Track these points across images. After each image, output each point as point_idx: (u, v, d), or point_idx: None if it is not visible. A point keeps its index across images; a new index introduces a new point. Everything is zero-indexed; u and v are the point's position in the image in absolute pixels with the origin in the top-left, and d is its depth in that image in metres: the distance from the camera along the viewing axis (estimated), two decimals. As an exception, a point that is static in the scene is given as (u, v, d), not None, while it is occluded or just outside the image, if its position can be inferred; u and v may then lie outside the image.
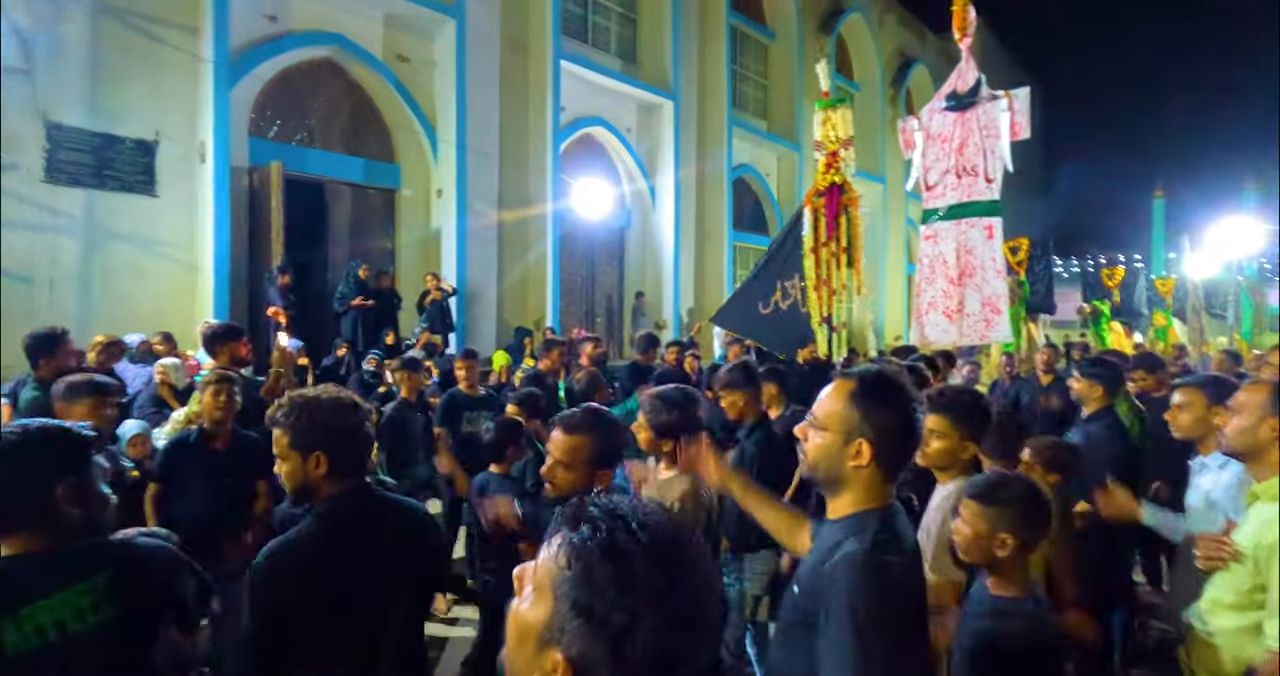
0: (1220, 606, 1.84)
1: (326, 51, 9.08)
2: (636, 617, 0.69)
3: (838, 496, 1.35)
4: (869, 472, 1.31)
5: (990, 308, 5.92)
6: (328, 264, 9.61)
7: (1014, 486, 1.74)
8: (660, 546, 0.72)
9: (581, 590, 0.70)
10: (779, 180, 16.60)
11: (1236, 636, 1.78)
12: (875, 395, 1.32)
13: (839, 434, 1.32)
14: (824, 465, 1.34)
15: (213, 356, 3.97)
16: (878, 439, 1.30)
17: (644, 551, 0.71)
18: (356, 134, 9.63)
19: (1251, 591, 1.73)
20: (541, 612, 0.73)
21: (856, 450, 1.30)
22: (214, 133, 7.62)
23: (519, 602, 0.76)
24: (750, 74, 16.20)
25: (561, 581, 0.72)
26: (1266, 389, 1.85)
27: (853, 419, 1.31)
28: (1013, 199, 11.83)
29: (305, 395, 1.69)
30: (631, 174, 13.18)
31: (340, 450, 1.63)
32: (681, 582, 0.72)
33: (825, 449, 1.33)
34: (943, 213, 6.16)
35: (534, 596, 0.75)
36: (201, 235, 7.67)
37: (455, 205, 9.90)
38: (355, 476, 1.67)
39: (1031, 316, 9.77)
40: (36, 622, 1.36)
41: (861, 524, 1.29)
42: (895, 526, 1.31)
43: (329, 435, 1.62)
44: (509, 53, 10.80)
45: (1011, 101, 5.76)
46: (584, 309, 12.86)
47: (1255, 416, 1.83)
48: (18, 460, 1.42)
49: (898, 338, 16.67)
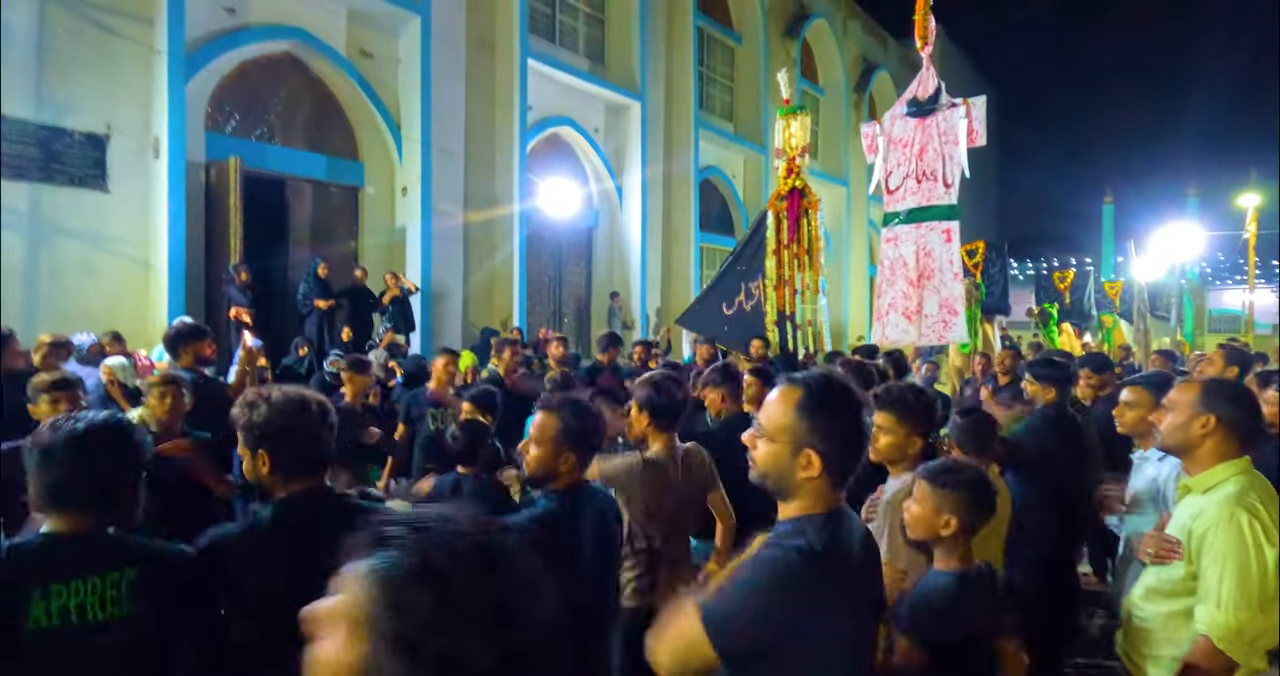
0: (1154, 594, 1.93)
1: (287, 46, 8.89)
2: (463, 640, 0.63)
3: (787, 502, 1.34)
4: (819, 482, 1.29)
5: (948, 309, 6.09)
6: (288, 262, 9.41)
7: (963, 472, 1.85)
8: (476, 559, 0.66)
9: (397, 622, 0.63)
10: (745, 182, 16.79)
11: (1168, 621, 1.87)
12: (822, 404, 1.29)
13: (787, 445, 1.29)
14: (773, 474, 1.31)
15: (175, 357, 3.88)
16: (826, 449, 1.27)
17: (459, 567, 0.65)
18: (319, 130, 9.45)
19: (1184, 579, 1.82)
20: (353, 654, 0.65)
21: (806, 461, 1.27)
22: (168, 127, 7.41)
23: (321, 645, 0.67)
24: (717, 76, 16.35)
25: (373, 616, 0.64)
26: (1198, 387, 1.92)
27: (800, 429, 1.28)
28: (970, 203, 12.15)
29: (259, 392, 1.68)
30: (599, 174, 13.19)
31: (283, 449, 1.61)
32: (506, 592, 0.67)
33: (774, 458, 1.31)
34: (903, 216, 6.31)
35: (341, 636, 0.66)
36: (155, 232, 7.45)
37: (420, 204, 9.78)
38: (307, 477, 1.64)
39: (987, 317, 10.06)
40: (63, 602, 1.39)
41: (800, 527, 1.29)
42: (832, 531, 1.29)
43: (270, 433, 1.61)
44: (475, 50, 10.71)
45: (969, 109, 5.94)
46: (551, 309, 12.82)
47: (1187, 413, 1.90)
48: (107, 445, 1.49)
49: (860, 337, 16.99)
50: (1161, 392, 2.46)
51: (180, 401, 3.01)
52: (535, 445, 2.02)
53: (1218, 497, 1.82)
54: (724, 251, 16.12)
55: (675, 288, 14.22)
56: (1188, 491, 1.93)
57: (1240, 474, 1.85)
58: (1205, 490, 1.86)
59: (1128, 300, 16.27)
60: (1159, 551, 1.92)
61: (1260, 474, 1.88)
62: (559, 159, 12.65)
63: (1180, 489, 1.97)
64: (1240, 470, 1.86)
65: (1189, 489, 1.92)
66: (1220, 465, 1.87)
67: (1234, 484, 1.83)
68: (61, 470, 1.45)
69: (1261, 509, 1.76)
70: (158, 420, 2.99)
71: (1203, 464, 1.89)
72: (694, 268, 14.39)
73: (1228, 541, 1.74)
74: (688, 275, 14.28)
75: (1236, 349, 5.01)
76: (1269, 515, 1.76)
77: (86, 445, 1.46)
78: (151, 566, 1.50)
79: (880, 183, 6.52)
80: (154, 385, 3.00)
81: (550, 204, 11.83)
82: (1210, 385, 1.94)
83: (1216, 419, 1.86)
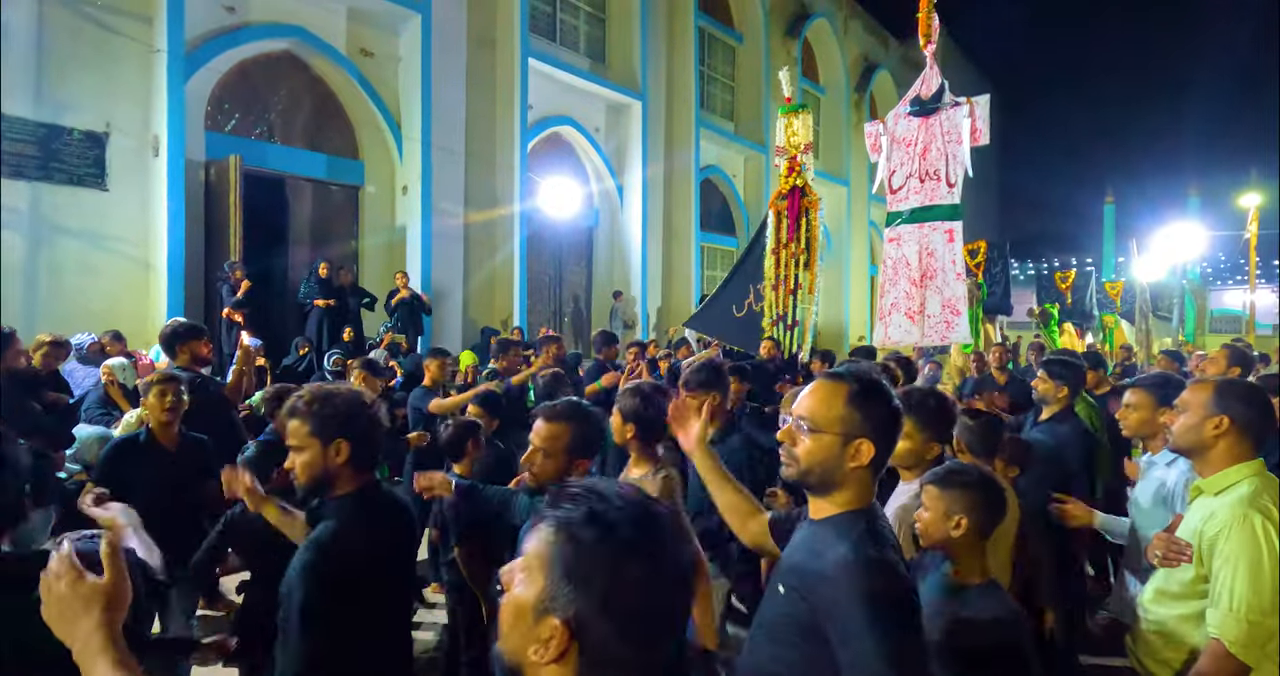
0: (1164, 596, 1.90)
1: (287, 44, 8.87)
2: (621, 573, 0.75)
3: (827, 497, 1.36)
4: (865, 472, 1.34)
5: (950, 309, 6.06)
6: (289, 262, 9.38)
7: (970, 473, 1.83)
8: (637, 511, 0.79)
9: (569, 557, 0.76)
10: (745, 181, 16.76)
11: (1180, 624, 1.85)
12: (872, 396, 1.35)
13: (838, 435, 1.33)
14: (821, 467, 1.35)
15: (172, 356, 3.85)
16: (877, 438, 1.34)
17: (623, 516, 0.77)
18: (319, 129, 9.43)
19: (1194, 582, 1.80)
20: (534, 590, 0.77)
21: (855, 450, 1.33)
22: (168, 125, 7.38)
23: (512, 589, 0.80)
24: (718, 76, 16.32)
25: (550, 556, 0.77)
26: (1210, 387, 1.90)
27: (854, 420, 1.33)
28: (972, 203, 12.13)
29: (325, 387, 1.74)
30: (599, 173, 13.17)
31: (362, 439, 1.67)
32: (660, 540, 0.78)
33: (823, 451, 1.34)
34: (906, 216, 6.28)
35: (525, 578, 0.79)
36: (155, 231, 7.43)
37: (420, 203, 9.76)
38: (371, 469, 1.73)
39: (989, 317, 10.04)
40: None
41: (851, 524, 1.31)
42: (879, 525, 1.34)
43: (352, 424, 1.66)
44: (476, 49, 10.69)
45: (973, 107, 5.91)
46: (551, 308, 12.79)
47: (1200, 414, 1.87)
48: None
49: (860, 338, 16.96)
50: (1163, 393, 2.43)
51: (179, 400, 2.98)
52: (545, 456, 1.99)
53: (1230, 499, 1.78)
54: (725, 251, 16.12)
55: (676, 287, 14.19)
56: (1200, 493, 1.89)
57: (1254, 475, 1.81)
58: (1218, 492, 1.83)
59: (1129, 300, 16.25)
60: (1168, 553, 1.90)
61: (1274, 475, 1.85)
62: (560, 158, 12.63)
63: (1192, 491, 1.94)
64: (1254, 472, 1.82)
65: (1201, 490, 1.89)
66: (1234, 467, 1.83)
67: (1248, 485, 1.79)
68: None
69: (1275, 510, 1.72)
70: (157, 419, 2.97)
71: (1215, 465, 1.86)
72: (695, 267, 14.36)
73: (1240, 544, 1.70)
74: (689, 275, 14.26)
75: (1239, 349, 4.98)
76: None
77: None
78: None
79: (883, 182, 6.49)
80: (152, 384, 2.97)
81: (551, 203, 11.80)
82: (1224, 386, 1.89)
83: (1230, 420, 1.83)
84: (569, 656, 0.75)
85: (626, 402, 2.45)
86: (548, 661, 0.75)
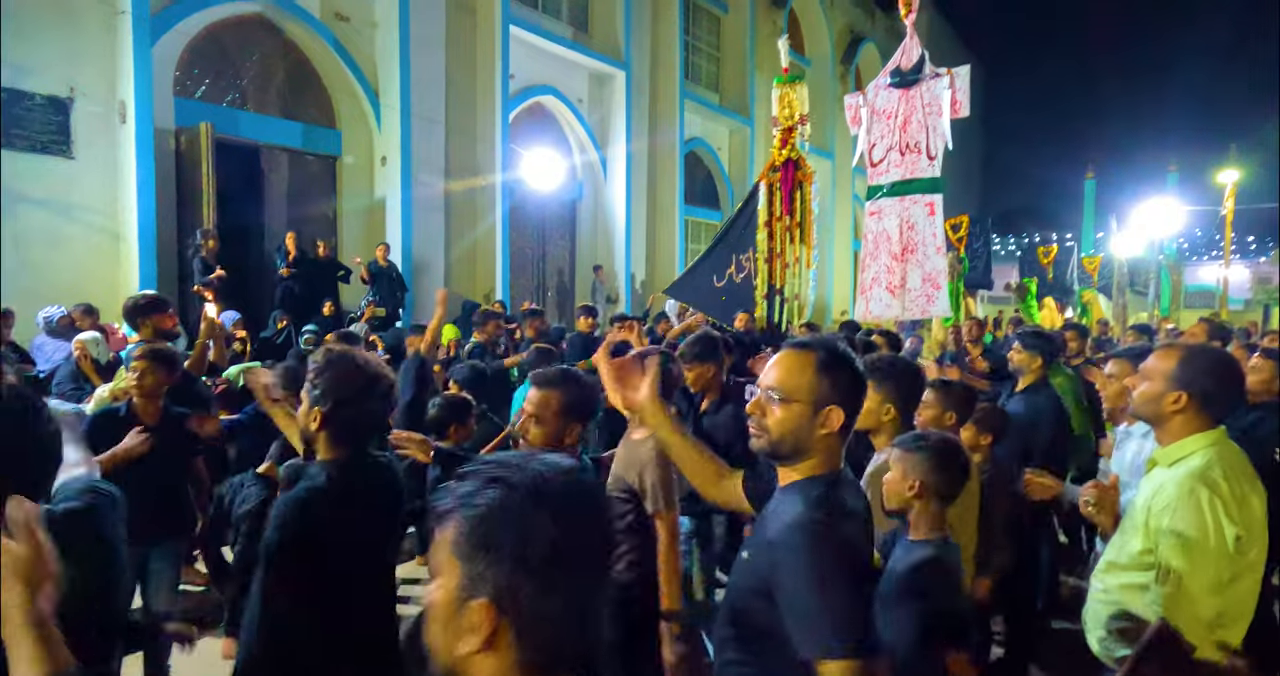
0: (1114, 567, 1.87)
1: (258, 7, 8.58)
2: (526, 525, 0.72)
3: (796, 465, 1.37)
4: (834, 439, 1.36)
5: (931, 283, 6.10)
6: (264, 233, 9.20)
7: (931, 438, 1.87)
8: (530, 466, 0.76)
9: (473, 530, 0.73)
10: (730, 155, 16.62)
11: (1124, 592, 1.82)
12: (838, 363, 1.37)
13: (808, 404, 1.34)
14: (792, 436, 1.36)
15: (135, 329, 3.79)
16: (845, 404, 1.35)
17: (514, 474, 0.75)
18: (294, 97, 9.18)
19: (1141, 553, 1.77)
20: (450, 581, 0.74)
21: (826, 418, 1.34)
22: (134, 90, 7.14)
23: (432, 595, 0.76)
24: (703, 46, 16.06)
25: (455, 539, 0.74)
26: (1176, 356, 1.82)
27: (823, 387, 1.35)
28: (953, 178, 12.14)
29: (333, 351, 1.78)
30: (583, 145, 12.99)
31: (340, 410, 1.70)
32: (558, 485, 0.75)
33: (794, 419, 1.35)
34: (887, 189, 6.27)
35: (439, 577, 0.75)
36: (124, 200, 7.24)
37: (400, 173, 9.59)
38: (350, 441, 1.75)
39: (970, 292, 10.12)
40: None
41: (810, 488, 1.33)
42: (841, 488, 1.36)
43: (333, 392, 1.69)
44: (455, 15, 10.41)
45: (953, 79, 5.87)
46: (534, 282, 12.71)
47: (1160, 386, 1.82)
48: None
49: (843, 312, 17.07)
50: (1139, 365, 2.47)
51: (162, 377, 2.95)
52: (537, 422, 2.00)
53: (1180, 473, 1.74)
54: (709, 225, 16.03)
55: (660, 261, 14.13)
56: (1154, 464, 1.86)
57: (1210, 446, 1.76)
58: (1172, 463, 1.79)
59: (1107, 275, 16.45)
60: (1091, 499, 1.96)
61: (1233, 444, 1.81)
62: (542, 129, 12.42)
63: (1148, 463, 1.90)
64: (1211, 442, 1.77)
65: (1156, 461, 1.85)
66: (1190, 437, 1.79)
67: (1200, 457, 1.74)
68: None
69: (1224, 484, 1.67)
70: (142, 392, 2.94)
71: (1173, 435, 1.81)
72: (679, 241, 14.30)
73: (1184, 520, 1.66)
74: (672, 248, 14.20)
75: (1217, 323, 5.08)
76: (1232, 490, 1.67)
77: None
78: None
79: (864, 155, 6.46)
80: (136, 358, 2.95)
81: (533, 175, 11.65)
82: (1187, 356, 1.82)
83: (1188, 396, 1.78)
84: (500, 639, 0.72)
85: None
86: (479, 648, 0.72)
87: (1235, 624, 1.71)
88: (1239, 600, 1.69)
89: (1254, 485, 1.74)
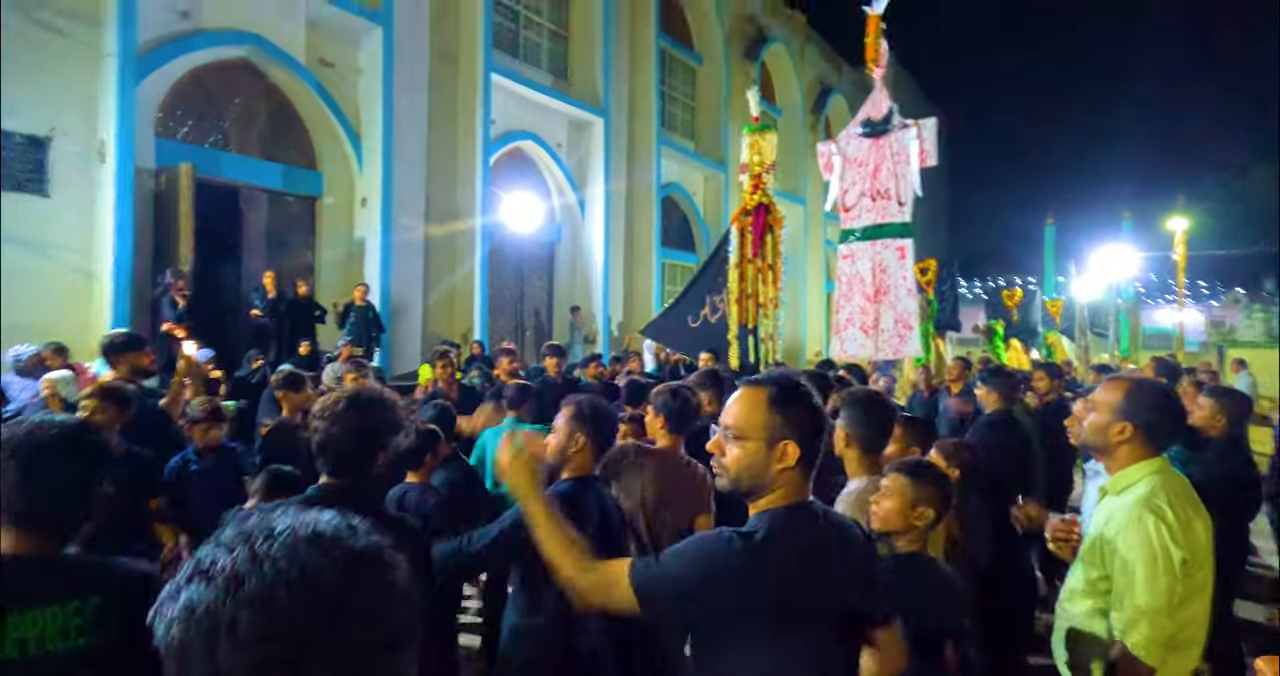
0: (1075, 594, 1.93)
1: (243, 52, 8.73)
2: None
3: (758, 502, 1.38)
4: (793, 472, 1.36)
5: (903, 324, 6.28)
6: (241, 273, 9.16)
7: (935, 468, 1.98)
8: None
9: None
10: (705, 199, 17.04)
11: (1086, 618, 1.88)
12: (790, 398, 1.38)
13: (761, 441, 1.35)
14: (749, 473, 1.36)
15: (112, 367, 3.76)
16: (801, 438, 1.35)
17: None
18: (275, 138, 9.28)
19: (1099, 581, 1.84)
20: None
21: (782, 453, 1.34)
22: (116, 130, 7.18)
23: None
24: (679, 95, 16.62)
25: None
26: (1123, 389, 1.90)
27: (775, 423, 1.35)
28: (922, 222, 12.60)
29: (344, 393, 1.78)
30: (561, 187, 13.23)
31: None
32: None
33: (748, 457, 1.36)
34: (859, 233, 6.50)
35: None
36: (100, 239, 7.18)
37: (380, 215, 9.66)
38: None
39: (939, 333, 10.38)
40: (21, 633, 1.24)
41: (760, 519, 1.35)
42: (792, 521, 1.33)
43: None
44: (438, 63, 10.69)
45: (920, 130, 6.18)
46: (513, 323, 12.74)
47: (1108, 417, 1.89)
48: (71, 451, 1.36)
49: (817, 352, 17.31)
50: None
51: (112, 415, 2.91)
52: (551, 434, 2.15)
53: (1128, 500, 1.81)
54: (685, 267, 16.30)
55: (637, 302, 14.28)
56: (1105, 493, 1.94)
57: (1153, 474, 1.84)
58: (1120, 491, 1.87)
59: (1069, 318, 16.98)
60: (1056, 537, 2.01)
61: (1176, 473, 1.89)
62: (521, 172, 12.65)
63: (1099, 492, 1.98)
64: (1154, 470, 1.85)
65: (1105, 492, 1.93)
66: (1134, 466, 1.87)
67: (1145, 485, 1.82)
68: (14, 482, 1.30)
69: (1169, 510, 1.74)
70: None
71: (1120, 463, 1.90)
72: (655, 282, 14.49)
73: (1133, 545, 1.73)
74: (649, 290, 14.37)
75: (1166, 361, 5.30)
76: (1177, 516, 1.74)
77: (45, 454, 1.32)
78: (117, 591, 1.36)
79: (837, 200, 6.71)
80: (84, 398, 2.91)
81: (513, 217, 11.81)
82: (1133, 388, 1.90)
83: (1134, 428, 1.86)
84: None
85: (659, 400, 2.74)
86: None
87: (1191, 647, 1.78)
88: (1191, 622, 1.76)
89: (1197, 510, 1.83)
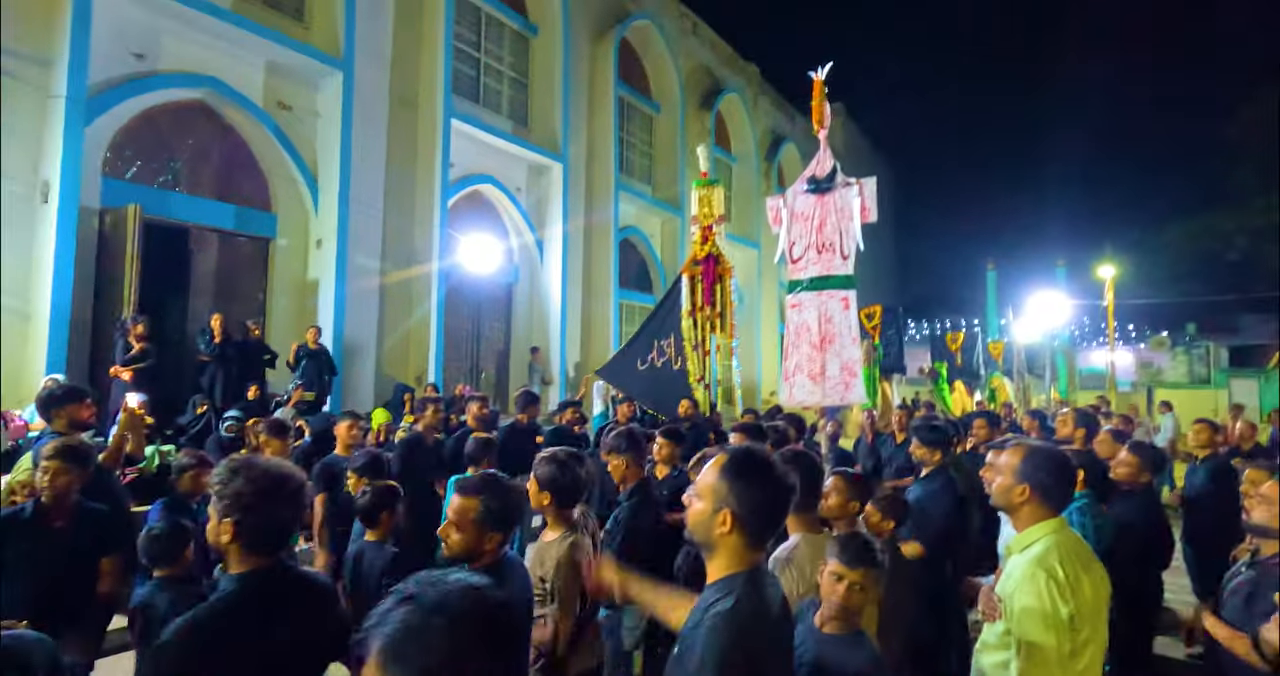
0: (986, 647, 2.06)
1: (199, 94, 8.71)
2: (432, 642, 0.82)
3: (712, 560, 1.48)
4: (734, 539, 1.44)
5: (848, 371, 6.50)
6: (187, 315, 8.95)
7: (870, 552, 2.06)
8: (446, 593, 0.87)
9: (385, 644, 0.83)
10: (662, 242, 17.39)
11: (994, 670, 2.02)
12: (740, 471, 1.46)
13: (709, 503, 1.45)
14: (699, 531, 1.47)
15: (48, 420, 3.64)
16: (739, 509, 1.43)
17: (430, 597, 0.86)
18: (229, 179, 9.20)
19: (1003, 634, 1.98)
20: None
21: (723, 519, 1.43)
22: (61, 172, 7.04)
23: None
24: (637, 142, 17.08)
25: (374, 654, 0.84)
26: (1020, 454, 2.04)
27: (722, 490, 1.45)
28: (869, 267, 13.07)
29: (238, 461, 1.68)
30: (519, 228, 13.36)
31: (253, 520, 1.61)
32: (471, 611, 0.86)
33: (699, 515, 1.47)
34: (805, 284, 6.75)
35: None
36: (39, 280, 6.97)
37: (335, 257, 9.60)
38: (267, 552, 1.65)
39: (886, 376, 10.73)
40: None
41: (728, 586, 1.43)
42: (756, 588, 1.44)
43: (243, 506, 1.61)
44: (398, 107, 10.82)
45: (862, 188, 6.52)
46: (469, 364, 12.66)
47: (1009, 479, 2.03)
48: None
49: (772, 393, 17.60)
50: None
51: (75, 475, 2.84)
52: (456, 530, 2.02)
53: (1026, 558, 1.95)
54: (643, 308, 16.50)
55: (595, 344, 14.37)
56: (1010, 553, 2.07)
57: (1051, 534, 1.97)
58: (1022, 549, 2.01)
59: (1009, 360, 17.69)
60: (985, 608, 2.12)
61: (1072, 532, 2.05)
62: (480, 215, 12.76)
63: (1006, 550, 2.12)
64: (1052, 530, 1.98)
65: (1010, 550, 2.07)
66: (1035, 526, 2.00)
67: (1042, 544, 1.95)
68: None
69: (1060, 569, 1.87)
70: (51, 493, 2.80)
71: (1023, 522, 2.05)
72: (613, 324, 14.62)
73: (1027, 600, 1.87)
74: (607, 331, 14.49)
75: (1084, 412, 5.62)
76: (1066, 574, 1.87)
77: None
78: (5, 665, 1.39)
79: (784, 252, 6.98)
80: (46, 456, 2.83)
81: (471, 259, 11.85)
82: (1029, 453, 2.04)
83: (1030, 489, 2.00)
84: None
85: (543, 470, 2.52)
86: None
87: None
88: (1085, 671, 1.88)
89: (1088, 569, 1.97)
